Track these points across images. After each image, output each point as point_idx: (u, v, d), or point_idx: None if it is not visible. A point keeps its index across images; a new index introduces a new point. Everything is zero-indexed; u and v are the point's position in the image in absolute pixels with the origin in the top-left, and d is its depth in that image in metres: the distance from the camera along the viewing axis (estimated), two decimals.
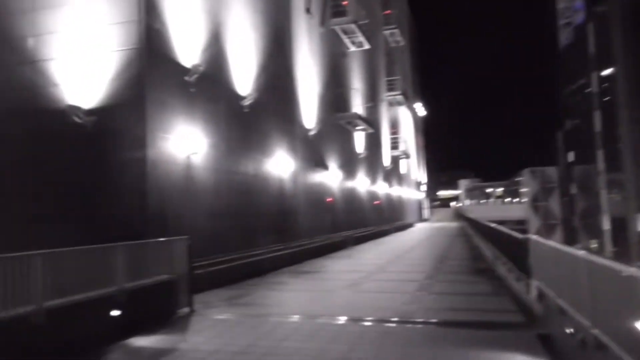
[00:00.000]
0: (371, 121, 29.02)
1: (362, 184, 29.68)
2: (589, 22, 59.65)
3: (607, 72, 52.83)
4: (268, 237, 15.82)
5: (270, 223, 16.35)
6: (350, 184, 27.26)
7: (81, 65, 10.71)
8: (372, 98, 34.24)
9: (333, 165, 23.88)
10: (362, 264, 15.08)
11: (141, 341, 5.91)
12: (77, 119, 10.34)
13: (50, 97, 10.81)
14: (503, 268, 11.37)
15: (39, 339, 4.94)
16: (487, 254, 16.51)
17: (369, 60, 34.39)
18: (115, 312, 5.93)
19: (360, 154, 29.84)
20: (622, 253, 52.90)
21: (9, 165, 11.11)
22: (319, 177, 21.80)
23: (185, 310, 7.60)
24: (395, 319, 7.21)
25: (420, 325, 6.91)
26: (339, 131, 25.57)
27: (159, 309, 6.99)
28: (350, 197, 27.25)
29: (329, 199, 22.66)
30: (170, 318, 7.08)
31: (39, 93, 10.90)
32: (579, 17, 75.82)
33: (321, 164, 22.11)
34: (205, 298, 8.97)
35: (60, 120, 10.55)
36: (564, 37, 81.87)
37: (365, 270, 13.43)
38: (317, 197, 21.41)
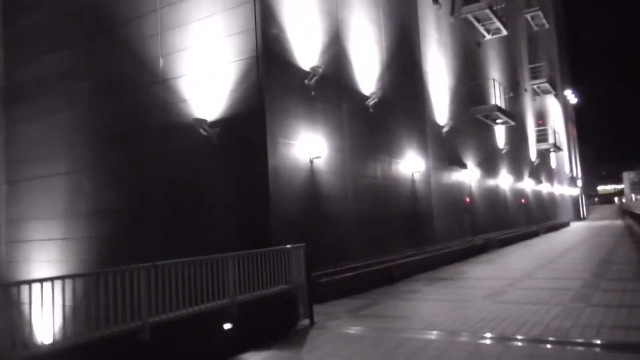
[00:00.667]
0: (512, 113, 26.57)
1: (505, 181, 27.30)
2: None
3: None
4: (400, 243, 15.02)
5: (402, 227, 15.53)
6: (491, 182, 25.20)
7: (205, 80, 11.08)
8: (513, 88, 31.47)
9: (470, 163, 22.22)
10: (506, 270, 13.54)
11: (254, 357, 5.61)
12: (202, 132, 10.67)
13: (180, 113, 11.35)
14: None
15: (143, 355, 4.85)
16: None
17: (508, 48, 31.71)
18: (227, 326, 5.71)
19: (501, 149, 27.51)
20: None
21: (150, 180, 11.95)
22: (454, 177, 20.39)
23: (305, 322, 7.21)
24: (547, 338, 6.01)
25: (579, 348, 5.64)
26: (476, 126, 23.78)
27: (276, 322, 6.68)
28: (492, 196, 25.18)
29: (466, 199, 21.09)
30: (288, 331, 6.74)
31: (170, 110, 11.53)
32: None
33: (457, 162, 20.66)
34: (328, 309, 8.53)
35: (189, 134, 11.00)
36: None
37: (510, 276, 11.96)
38: (453, 197, 20.03)
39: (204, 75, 11.12)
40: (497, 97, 24.39)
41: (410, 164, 16.42)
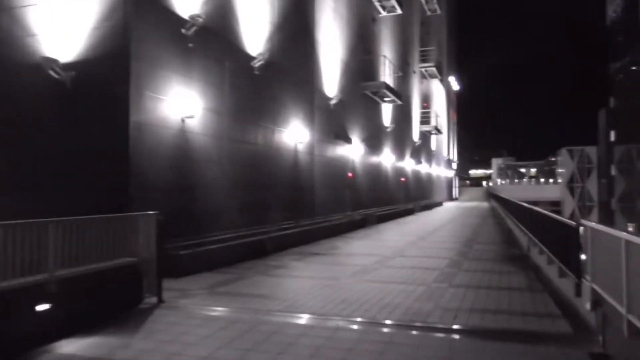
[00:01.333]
0: (400, 93, 27.14)
1: (388, 159, 28.02)
2: None
3: None
4: (278, 214, 14.51)
5: (281, 199, 15.01)
6: (374, 159, 25.65)
7: (61, 12, 9.41)
8: (403, 68, 32.22)
9: (356, 138, 22.30)
10: (379, 246, 13.64)
11: (71, 345, 4.67)
12: (53, 74, 9.09)
13: (27, 49, 9.57)
14: (540, 257, 9.76)
15: None
16: (521, 239, 14.84)
17: (402, 28, 32.26)
18: (42, 307, 4.68)
19: (387, 127, 28.10)
20: None
21: None
22: (339, 151, 20.29)
23: (152, 301, 6.34)
24: (404, 323, 5.78)
25: (437, 334, 5.45)
26: (364, 102, 23.88)
27: (112, 301, 5.74)
28: (375, 172, 25.68)
29: (349, 174, 21.17)
30: (128, 312, 5.83)
31: (14, 45, 9.69)
32: None
33: (343, 137, 20.56)
34: (185, 285, 7.72)
35: (36, 76, 9.33)
36: (613, 10, 77.00)
37: (381, 253, 11.98)
38: (336, 171, 19.95)
39: (60, 6, 9.43)
40: (386, 75, 24.67)
41: (295, 134, 15.87)
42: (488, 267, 10.02)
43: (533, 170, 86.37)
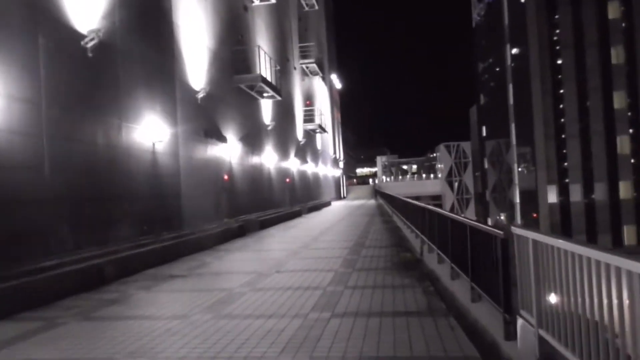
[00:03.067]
0: (280, 88, 25.34)
1: (270, 159, 26.09)
2: None
3: (519, 47, 52.69)
4: (131, 229, 11.83)
5: (136, 210, 12.35)
6: (255, 159, 23.57)
7: None
8: (283, 64, 30.52)
9: (232, 136, 20.05)
10: (255, 260, 11.60)
11: None
12: None
13: None
14: (439, 265, 8.35)
15: None
16: (411, 239, 13.66)
17: (278, 21, 30.55)
18: None
19: (268, 125, 26.16)
20: (530, 224, 53.87)
21: None
22: (212, 151, 17.91)
23: None
24: None
25: None
26: (240, 97, 21.69)
27: None
28: (256, 174, 23.60)
29: (225, 177, 18.87)
30: None
31: None
32: None
33: (216, 135, 18.20)
34: None
35: None
36: (477, 13, 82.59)
37: (255, 270, 9.95)
38: (209, 174, 17.55)
39: None
40: (263, 67, 22.69)
41: (151, 132, 13.27)
42: (379, 280, 8.40)
43: (414, 167, 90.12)
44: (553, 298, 3.04)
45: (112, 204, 11.37)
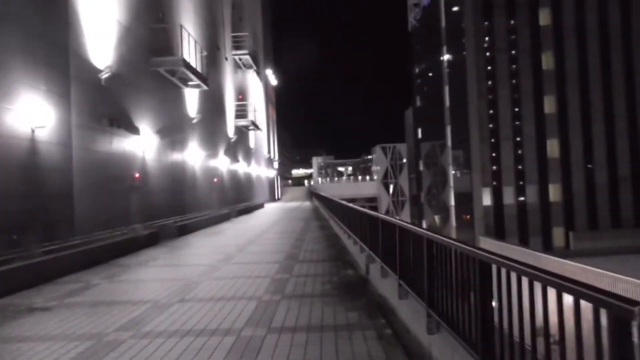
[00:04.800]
0: (206, 76, 22.67)
1: (195, 156, 23.33)
2: (437, 1, 59.51)
3: (455, 51, 52.74)
4: None
5: (2, 212, 9.48)
6: (176, 155, 20.79)
7: None
8: (213, 53, 27.79)
9: (147, 128, 17.23)
10: (157, 280, 9.08)
11: None
12: None
13: None
14: (387, 286, 6.34)
15: None
16: (351, 249, 11.65)
17: (209, 4, 27.79)
18: None
19: (193, 118, 23.40)
20: (464, 226, 54.08)
21: None
22: (119, 143, 15.07)
23: None
24: None
25: None
26: (159, 84, 18.87)
27: None
28: (177, 172, 20.82)
29: (136, 175, 16.05)
30: None
31: None
32: None
33: (125, 125, 15.36)
34: None
35: None
36: (413, 17, 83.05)
37: (151, 297, 7.50)
38: (114, 171, 14.70)
39: None
40: (187, 51, 19.98)
41: (30, 115, 10.39)
42: (316, 315, 6.23)
43: (350, 168, 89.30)
44: None
45: None
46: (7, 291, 7.93)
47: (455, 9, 54.18)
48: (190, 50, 20.56)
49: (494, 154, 47.32)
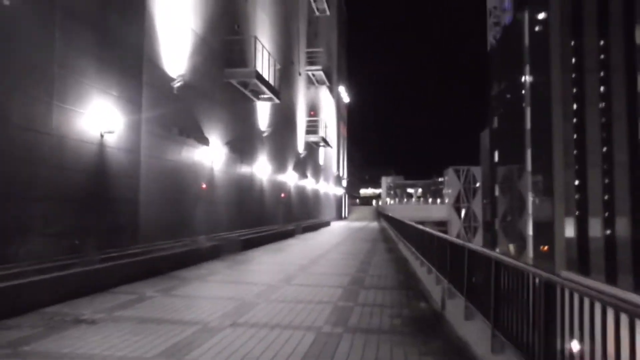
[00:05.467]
0: (279, 90, 22.44)
1: (263, 170, 23.09)
2: (521, 20, 56.95)
3: (538, 71, 49.95)
4: (50, 242, 8.77)
5: (64, 216, 9.33)
6: (245, 168, 20.58)
7: None
8: (286, 67, 27.73)
9: (217, 139, 17.09)
10: (213, 298, 8.46)
11: None
12: None
13: None
14: (468, 325, 5.28)
15: None
16: (422, 276, 10.56)
17: (284, 19, 27.84)
18: None
19: (264, 132, 23.23)
20: (542, 258, 50.46)
21: None
22: (188, 153, 14.94)
23: None
24: None
25: None
26: (231, 95, 18.79)
27: None
28: (245, 186, 20.59)
29: (203, 185, 15.85)
30: None
31: None
32: (508, 17, 74.09)
33: (194, 134, 15.24)
34: None
35: None
36: (493, 36, 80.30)
37: (202, 318, 6.87)
38: (182, 180, 14.54)
39: None
40: (260, 63, 19.80)
41: (100, 119, 10.30)
42: (384, 357, 5.28)
43: (420, 190, 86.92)
44: None
45: (23, 205, 8.37)
46: (59, 299, 7.60)
47: (539, 28, 51.59)
48: (264, 63, 20.38)
49: (578, 182, 43.95)
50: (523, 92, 54.46)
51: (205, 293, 8.97)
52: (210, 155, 16.48)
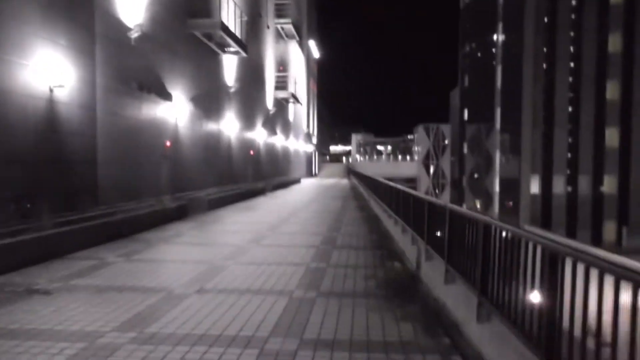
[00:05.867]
0: (246, 43, 21.43)
1: (230, 126, 22.32)
2: None
3: (510, 30, 49.59)
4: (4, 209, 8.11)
5: (14, 180, 8.61)
6: (212, 125, 19.80)
7: None
8: (254, 19, 26.51)
9: (181, 94, 16.23)
10: (179, 262, 8.02)
11: None
12: None
13: None
14: (442, 281, 5.04)
15: None
16: (395, 235, 10.38)
17: None
18: None
19: (230, 87, 22.32)
20: (507, 214, 51.72)
21: None
22: (149, 109, 14.11)
23: None
24: None
25: None
26: (195, 48, 17.79)
27: None
28: (211, 143, 19.86)
29: (166, 143, 15.11)
30: None
31: None
32: None
33: (155, 89, 14.37)
34: None
35: None
36: None
37: (167, 284, 6.46)
38: (144, 138, 13.77)
39: None
40: (227, 15, 18.71)
41: (48, 73, 9.44)
42: (360, 324, 5.00)
43: (389, 148, 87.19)
44: None
45: None
46: (11, 267, 7.04)
47: None
48: (230, 14, 19.31)
49: (545, 141, 44.58)
50: (494, 50, 54.29)
51: (171, 257, 8.52)
52: (173, 111, 15.67)
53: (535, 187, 43.76)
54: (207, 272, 7.23)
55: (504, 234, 3.36)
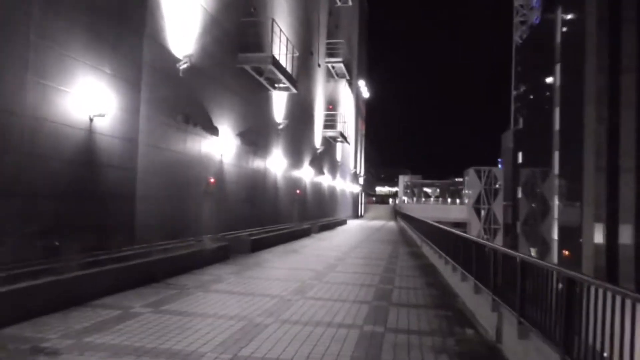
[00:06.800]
0: (296, 79, 20.90)
1: (278, 165, 21.61)
2: (552, 19, 54.54)
3: (568, 70, 47.58)
4: (21, 245, 7.38)
5: (42, 214, 7.92)
6: (258, 163, 19.10)
7: None
8: (305, 57, 26.19)
9: (227, 129, 15.64)
10: (210, 318, 6.94)
11: None
12: None
13: None
14: None
15: None
16: (459, 291, 8.99)
17: (305, 6, 26.29)
18: None
19: (279, 123, 21.74)
20: (567, 264, 48.24)
21: None
22: (194, 144, 13.49)
23: None
24: None
25: None
26: (245, 82, 17.32)
27: None
28: (257, 181, 19.12)
29: (210, 180, 14.39)
30: None
31: None
32: (535, 16, 71.54)
33: (201, 123, 13.78)
34: None
35: None
36: (519, 35, 77.70)
37: (190, 350, 5.40)
38: (185, 174, 13.09)
39: None
40: (278, 50, 18.24)
41: (89, 101, 8.88)
42: None
43: (438, 190, 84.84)
44: None
45: None
46: (24, 315, 6.18)
47: (572, 27, 49.25)
48: (281, 49, 18.86)
49: (610, 187, 41.56)
50: (551, 92, 52.12)
51: (205, 309, 7.47)
52: (219, 146, 15.04)
53: (599, 237, 40.60)
54: (244, 332, 6.12)
55: None
